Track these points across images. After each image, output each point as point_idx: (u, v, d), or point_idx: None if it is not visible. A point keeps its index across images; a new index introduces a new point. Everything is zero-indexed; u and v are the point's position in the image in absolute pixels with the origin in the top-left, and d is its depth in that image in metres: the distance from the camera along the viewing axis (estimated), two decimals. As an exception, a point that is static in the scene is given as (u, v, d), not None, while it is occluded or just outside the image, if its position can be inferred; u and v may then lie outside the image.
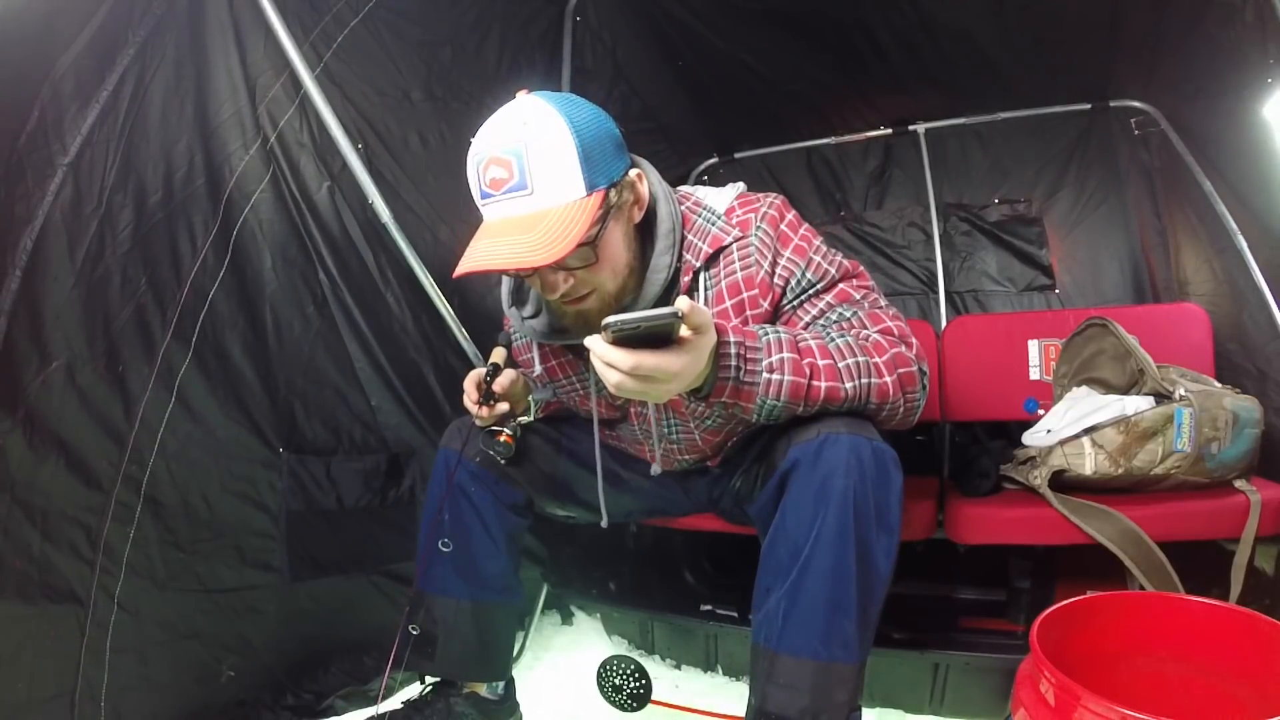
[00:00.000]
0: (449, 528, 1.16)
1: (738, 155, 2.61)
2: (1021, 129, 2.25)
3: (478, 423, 1.12)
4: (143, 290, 1.22)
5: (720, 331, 0.83)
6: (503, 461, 1.12)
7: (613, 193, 0.91)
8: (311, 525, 1.42)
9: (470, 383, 1.10)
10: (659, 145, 2.42)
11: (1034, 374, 1.82)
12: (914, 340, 0.98)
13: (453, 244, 1.67)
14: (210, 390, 1.30)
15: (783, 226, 1.00)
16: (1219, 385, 1.44)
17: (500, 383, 1.09)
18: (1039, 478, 1.36)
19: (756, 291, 0.99)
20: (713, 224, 1.01)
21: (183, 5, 1.25)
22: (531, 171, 0.85)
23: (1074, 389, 1.57)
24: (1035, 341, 1.83)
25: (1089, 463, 1.34)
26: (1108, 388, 1.52)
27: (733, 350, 0.84)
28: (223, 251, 1.33)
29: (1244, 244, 1.61)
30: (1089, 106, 2.15)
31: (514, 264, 0.84)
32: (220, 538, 1.30)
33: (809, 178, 2.55)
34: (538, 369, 1.16)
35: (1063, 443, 1.38)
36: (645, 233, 1.00)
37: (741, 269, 0.99)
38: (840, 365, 0.90)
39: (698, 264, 1.00)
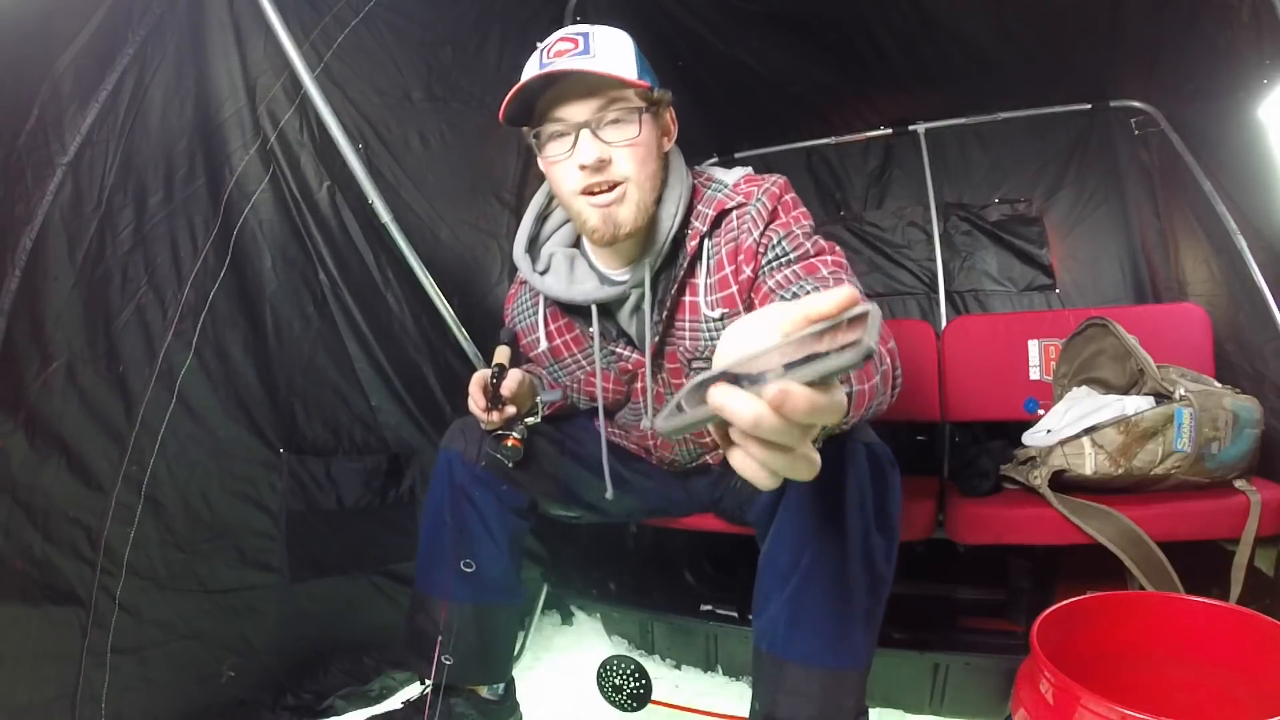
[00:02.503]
0: (451, 530, 1.15)
1: (738, 155, 2.61)
2: (1021, 129, 2.25)
3: (484, 427, 1.10)
4: (143, 290, 1.21)
5: None
6: (510, 465, 1.11)
7: (658, 91, 0.99)
8: (312, 525, 1.42)
9: (476, 386, 1.08)
10: (659, 145, 2.41)
11: (1034, 374, 1.82)
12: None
13: (453, 244, 1.67)
14: (211, 390, 1.30)
15: (780, 201, 1.02)
16: (1219, 385, 1.44)
17: (508, 385, 1.07)
18: (1039, 478, 1.36)
19: (743, 257, 1.01)
20: (719, 192, 1.04)
21: (183, 5, 1.25)
22: (595, 43, 0.94)
23: (1074, 389, 1.57)
24: (1035, 341, 1.83)
25: (1089, 463, 1.34)
26: (1108, 388, 1.52)
27: None
28: (223, 251, 1.33)
29: (1243, 244, 1.61)
30: (1089, 106, 2.15)
31: (575, 67, 0.91)
32: (220, 538, 1.30)
33: (809, 178, 2.55)
34: (543, 345, 1.16)
35: (1063, 443, 1.38)
36: (667, 168, 1.05)
37: (740, 232, 1.02)
38: None
39: (704, 229, 1.03)
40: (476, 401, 1.08)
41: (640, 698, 1.21)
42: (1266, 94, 1.36)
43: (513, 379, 1.08)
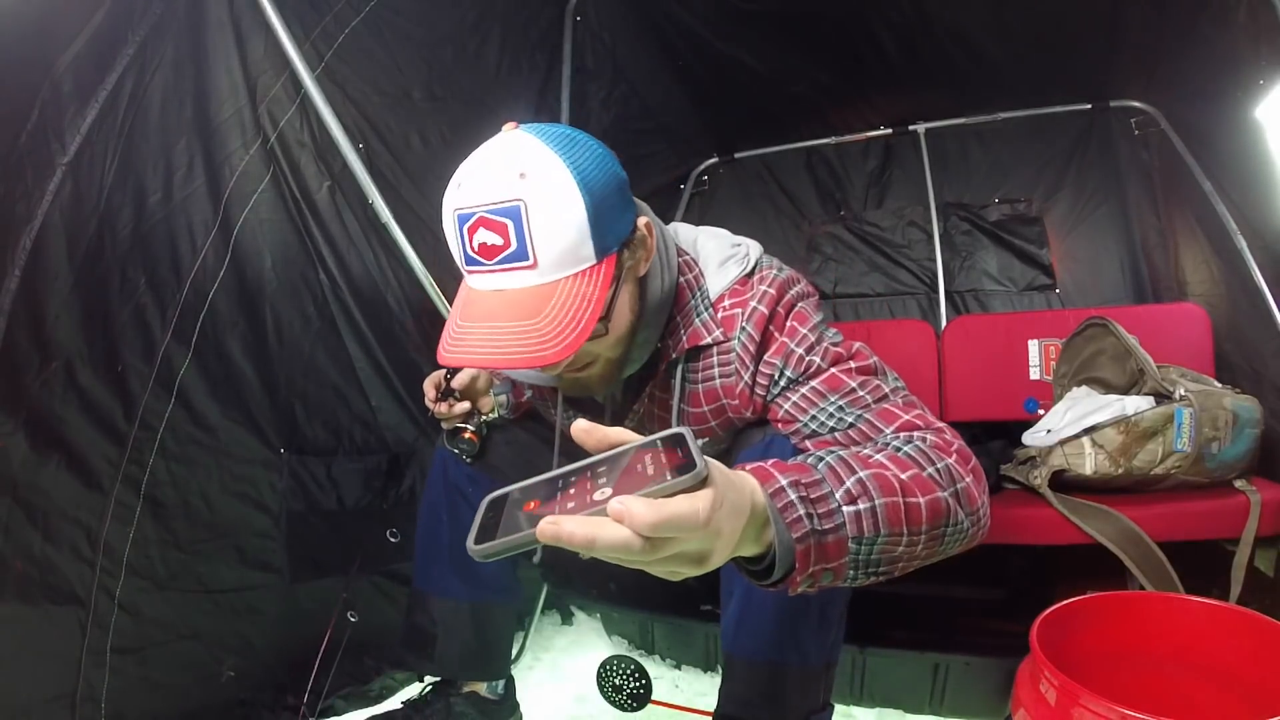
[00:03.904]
0: (447, 528, 1.15)
1: (738, 155, 2.62)
2: (1021, 129, 2.25)
3: (441, 421, 1.10)
4: (142, 290, 1.21)
5: (761, 477, 0.56)
6: (468, 460, 1.12)
7: (625, 253, 0.77)
8: (312, 525, 1.42)
9: (430, 382, 1.09)
10: (659, 145, 2.41)
11: (1034, 374, 1.83)
12: (946, 427, 0.78)
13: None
14: (210, 390, 1.30)
15: (770, 326, 0.86)
16: (1219, 385, 1.44)
17: (460, 379, 1.06)
18: (1039, 478, 1.36)
19: (738, 402, 0.89)
20: (699, 313, 0.88)
21: (183, 5, 1.25)
22: (534, 239, 0.69)
23: (1074, 389, 1.57)
24: (1035, 341, 1.83)
25: (1089, 463, 1.34)
26: (1108, 388, 1.52)
27: (790, 491, 0.56)
28: (223, 251, 1.33)
29: (1243, 244, 1.61)
30: (1089, 106, 2.15)
31: (524, 359, 0.68)
32: (220, 538, 1.30)
33: (809, 178, 2.55)
34: (526, 394, 1.16)
35: (1063, 443, 1.38)
36: (642, 294, 0.86)
37: (721, 376, 0.89)
38: (926, 472, 0.67)
39: (674, 354, 0.89)
40: (427, 394, 1.07)
41: (640, 698, 1.20)
42: (1264, 94, 1.36)
43: (465, 374, 1.06)
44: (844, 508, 0.59)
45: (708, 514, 0.45)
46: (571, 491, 0.48)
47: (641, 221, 0.81)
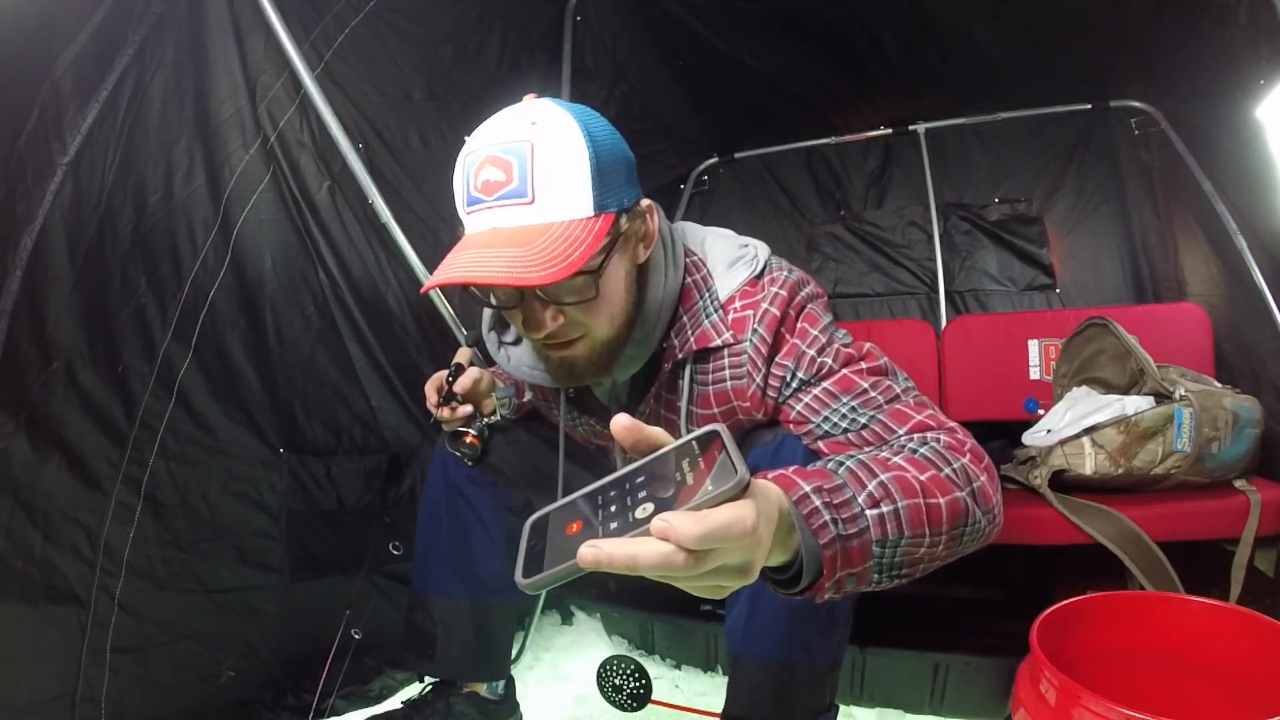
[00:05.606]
0: (447, 528, 1.16)
1: (738, 155, 2.62)
2: (1021, 129, 2.25)
3: (443, 425, 1.10)
4: (143, 290, 1.21)
5: (784, 485, 0.57)
6: (469, 463, 1.12)
7: (623, 219, 0.79)
8: (312, 525, 1.42)
9: (431, 386, 1.07)
10: (659, 145, 2.41)
11: (1034, 374, 1.83)
12: (958, 426, 0.79)
13: (453, 244, 1.67)
14: (210, 390, 1.30)
15: (781, 328, 0.86)
16: (1219, 385, 1.44)
17: (462, 383, 1.04)
18: (1039, 478, 1.36)
19: (749, 404, 0.88)
20: (708, 315, 0.88)
21: (183, 5, 1.25)
22: (535, 177, 0.72)
23: (1074, 389, 1.57)
24: (1035, 341, 1.84)
25: (1089, 463, 1.34)
26: (1108, 388, 1.52)
27: (814, 498, 0.57)
28: (223, 251, 1.33)
29: (1243, 244, 1.61)
30: (1089, 106, 2.15)
31: (505, 278, 0.69)
32: (220, 538, 1.30)
33: (809, 178, 2.55)
34: (527, 395, 1.15)
35: (1063, 443, 1.38)
36: (642, 284, 0.86)
37: (732, 378, 0.88)
38: (944, 473, 0.69)
39: (680, 355, 0.88)
40: (429, 398, 1.06)
41: (640, 698, 1.20)
42: (1264, 94, 1.36)
43: (468, 377, 1.04)
44: (867, 511, 0.60)
45: (754, 521, 0.43)
46: (612, 509, 0.46)
47: (644, 202, 0.83)
